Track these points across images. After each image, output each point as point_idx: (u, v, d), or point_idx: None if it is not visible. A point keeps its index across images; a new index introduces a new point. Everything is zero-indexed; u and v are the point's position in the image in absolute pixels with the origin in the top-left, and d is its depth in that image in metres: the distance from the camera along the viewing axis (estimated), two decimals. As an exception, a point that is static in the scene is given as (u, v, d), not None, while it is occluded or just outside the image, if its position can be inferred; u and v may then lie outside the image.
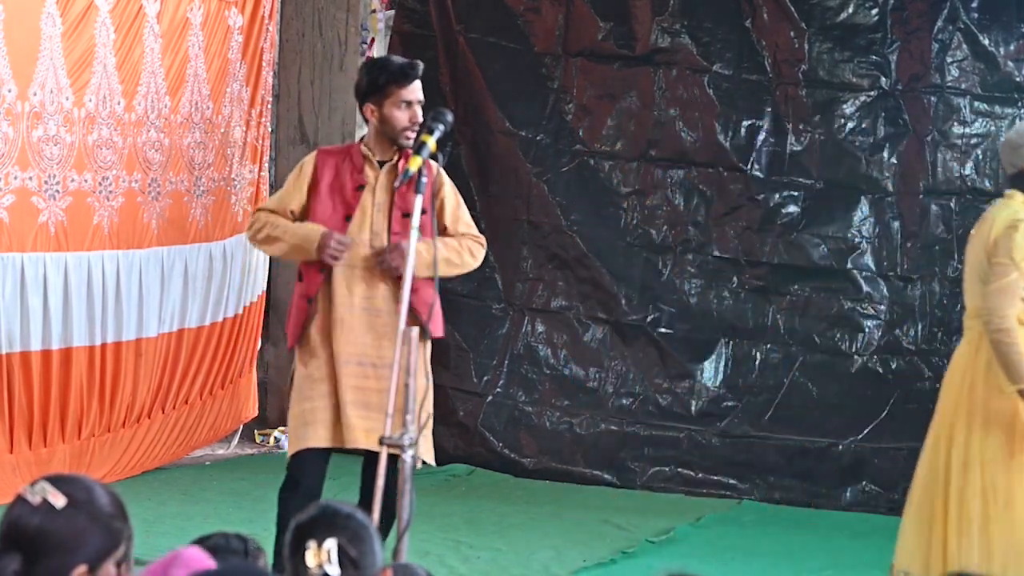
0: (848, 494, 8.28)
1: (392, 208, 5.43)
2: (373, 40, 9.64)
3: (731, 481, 8.44)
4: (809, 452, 8.41)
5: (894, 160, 8.60)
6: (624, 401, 8.72)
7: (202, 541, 3.24)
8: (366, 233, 5.46)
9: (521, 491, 8.31)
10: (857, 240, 8.60)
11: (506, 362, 8.85)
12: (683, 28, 8.85)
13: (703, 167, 8.80)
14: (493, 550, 6.95)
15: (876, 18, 8.64)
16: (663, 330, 8.74)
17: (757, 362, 8.64)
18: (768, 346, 8.64)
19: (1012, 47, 8.46)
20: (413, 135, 5.33)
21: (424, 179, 4.06)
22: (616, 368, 8.77)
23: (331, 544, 2.92)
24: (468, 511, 7.72)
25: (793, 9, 8.71)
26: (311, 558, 2.90)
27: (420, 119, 5.33)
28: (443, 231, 5.53)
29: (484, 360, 8.85)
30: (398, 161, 5.42)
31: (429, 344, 5.47)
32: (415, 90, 5.42)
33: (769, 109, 8.74)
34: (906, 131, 8.59)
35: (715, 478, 8.46)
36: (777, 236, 8.68)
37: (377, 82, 5.43)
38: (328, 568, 2.89)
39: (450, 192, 5.63)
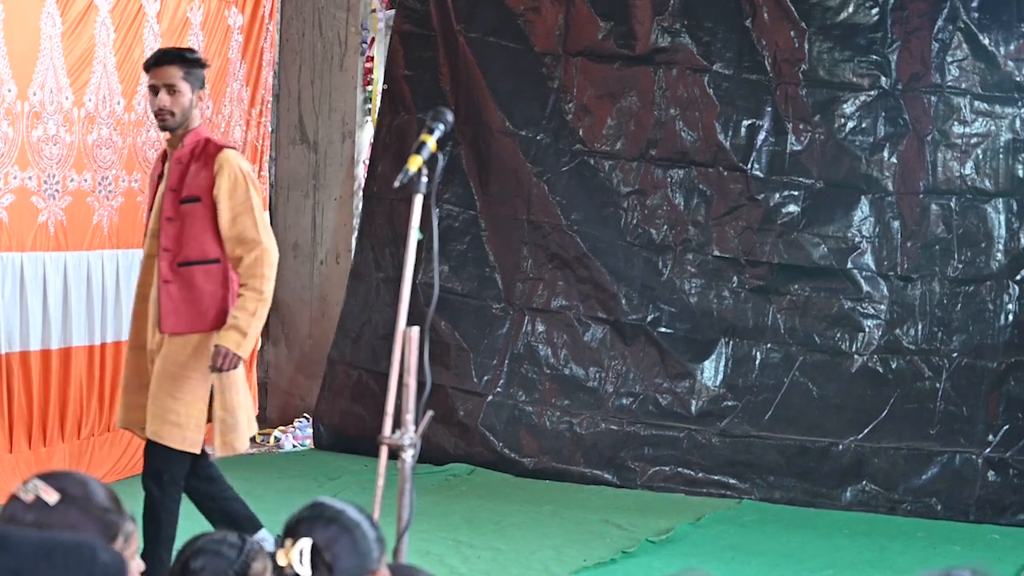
0: (848, 494, 8.28)
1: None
2: (373, 40, 9.63)
3: (731, 481, 8.44)
4: (809, 452, 8.40)
5: (894, 160, 8.60)
6: (624, 401, 8.72)
7: (192, 543, 3.23)
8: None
9: (521, 491, 8.31)
10: (857, 240, 8.60)
11: (506, 362, 8.85)
12: (683, 28, 8.85)
13: (703, 167, 8.80)
14: (493, 550, 6.95)
15: (876, 18, 8.64)
16: (663, 330, 8.74)
17: (757, 362, 8.63)
18: (768, 346, 8.63)
19: (1012, 47, 8.46)
20: (162, 121, 5.64)
21: (424, 179, 4.05)
22: (616, 368, 8.76)
23: (304, 544, 2.87)
24: (468, 511, 7.72)
25: (793, 9, 8.70)
26: (281, 557, 2.87)
27: (165, 105, 5.59)
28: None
29: (484, 360, 8.85)
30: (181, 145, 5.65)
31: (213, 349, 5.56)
32: (158, 74, 5.65)
33: (769, 109, 8.74)
34: (906, 131, 8.59)
35: (715, 478, 8.46)
36: (777, 236, 8.68)
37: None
38: (298, 569, 2.84)
39: (226, 185, 5.60)
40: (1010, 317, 8.32)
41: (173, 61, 5.66)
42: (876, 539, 7.52)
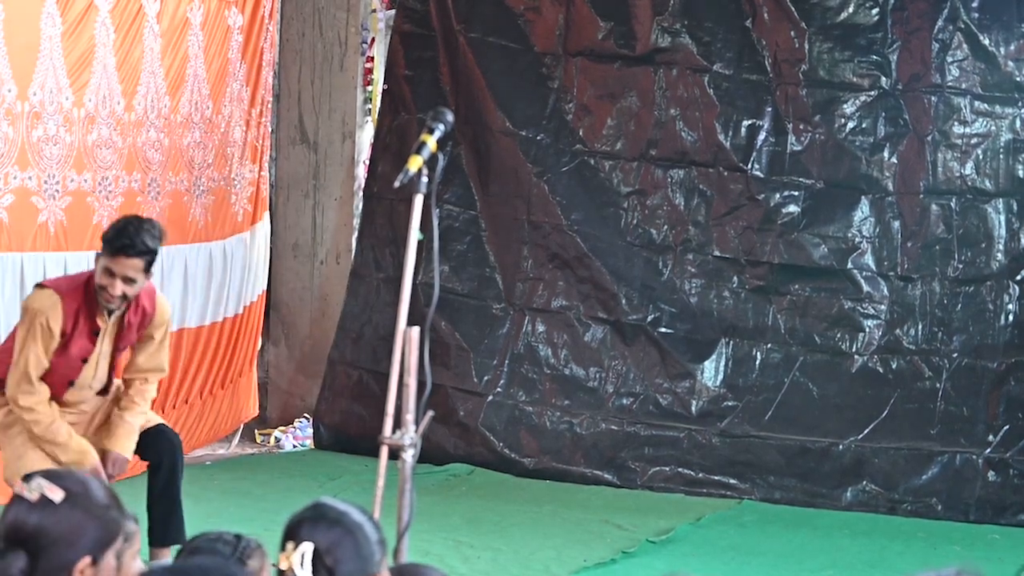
0: (848, 494, 8.27)
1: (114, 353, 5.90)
2: (374, 40, 9.63)
3: (731, 481, 8.44)
4: (809, 452, 8.40)
5: (894, 160, 8.60)
6: (624, 401, 8.72)
7: (188, 543, 3.23)
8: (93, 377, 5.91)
9: (521, 491, 8.31)
10: (857, 240, 8.59)
11: (506, 362, 8.84)
12: (683, 28, 8.85)
13: (703, 167, 8.80)
14: (493, 550, 6.95)
15: (876, 18, 8.64)
16: (663, 330, 8.74)
17: (757, 362, 8.63)
18: (768, 346, 8.63)
19: (1012, 47, 8.45)
20: (111, 303, 5.71)
21: (425, 179, 4.04)
22: (616, 368, 8.76)
23: (306, 548, 2.84)
24: (468, 511, 7.71)
25: (793, 9, 8.70)
26: (282, 561, 2.84)
27: (117, 294, 5.66)
28: (130, 362, 6.03)
29: (484, 360, 8.84)
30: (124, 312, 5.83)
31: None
32: (122, 264, 5.64)
33: (769, 109, 8.73)
34: (906, 131, 8.58)
35: (715, 478, 8.45)
36: (777, 236, 8.68)
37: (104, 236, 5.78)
38: (299, 572, 2.82)
39: (163, 334, 6.05)
40: (1010, 317, 8.31)
41: (141, 255, 5.64)
42: (876, 539, 7.52)
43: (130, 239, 5.60)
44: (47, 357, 5.70)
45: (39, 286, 5.86)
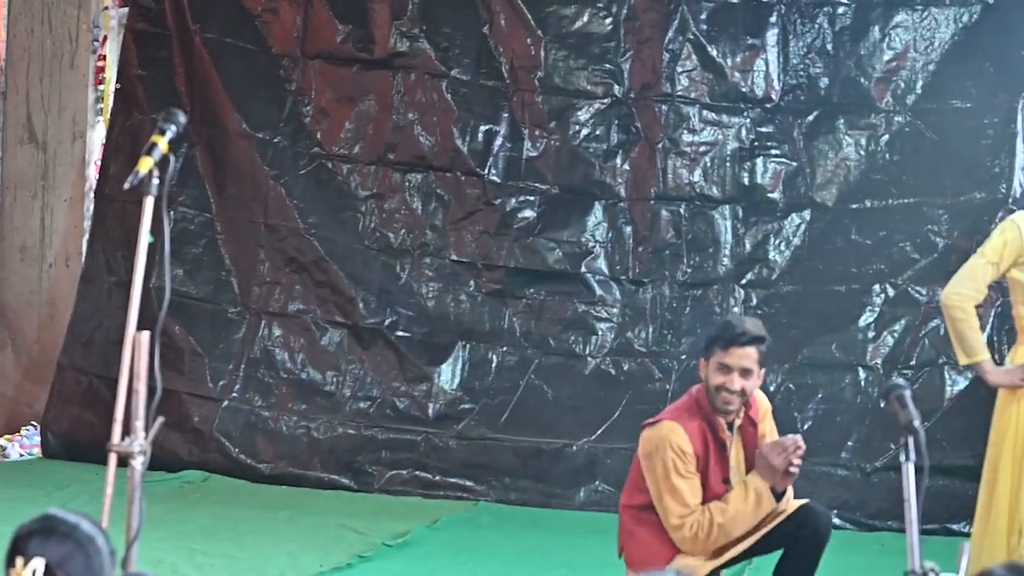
0: (582, 494, 8.43)
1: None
2: (106, 38, 9.43)
3: (468, 483, 8.51)
4: (544, 453, 8.53)
5: (627, 166, 8.80)
6: (362, 405, 8.72)
7: None
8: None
9: (257, 497, 8.23)
10: (591, 244, 8.77)
11: (242, 366, 8.75)
12: (422, 33, 8.89)
13: (441, 171, 8.86)
14: (228, 557, 6.86)
15: (610, 27, 8.83)
16: (401, 333, 8.76)
17: (494, 365, 8.73)
18: (504, 349, 8.74)
19: (739, 58, 8.74)
20: (730, 403, 5.16)
21: (156, 181, 3.98)
22: (354, 372, 8.75)
23: (37, 564, 2.77)
24: (203, 518, 7.60)
25: (530, 17, 8.84)
26: None
27: (736, 388, 5.13)
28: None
29: (220, 364, 8.73)
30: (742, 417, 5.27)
31: None
32: (737, 356, 5.13)
33: (506, 115, 8.85)
34: (638, 138, 8.80)
35: (452, 480, 8.52)
36: (513, 240, 8.79)
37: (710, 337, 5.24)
38: None
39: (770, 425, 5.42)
40: (736, 320, 8.57)
41: (756, 342, 5.15)
42: (609, 538, 7.63)
43: (745, 331, 5.15)
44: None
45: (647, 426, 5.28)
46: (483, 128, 8.86)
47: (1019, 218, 5.41)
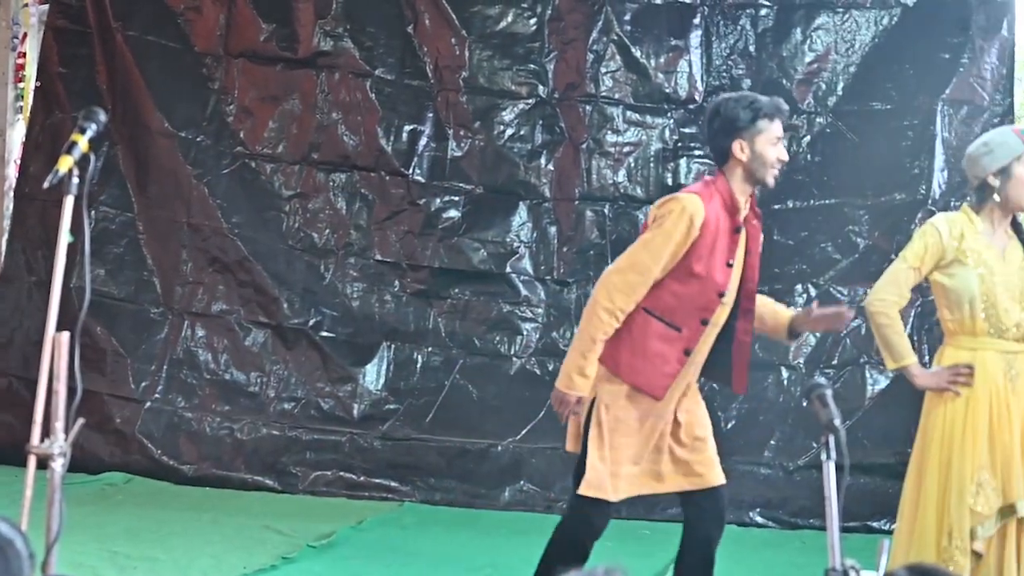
0: (507, 494, 8.44)
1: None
2: (26, 35, 9.33)
3: (393, 484, 8.50)
4: (469, 453, 8.54)
5: (551, 167, 8.82)
6: (286, 405, 8.68)
7: None
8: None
9: (181, 498, 8.18)
10: (516, 245, 8.79)
11: (165, 367, 8.69)
12: (346, 32, 8.88)
13: (365, 171, 8.85)
14: (151, 559, 6.81)
15: (534, 28, 8.85)
16: (325, 334, 8.74)
17: (419, 365, 8.73)
18: (429, 349, 8.73)
19: (662, 59, 8.79)
20: (776, 176, 5.17)
21: (76, 180, 3.94)
22: (278, 372, 8.72)
23: None
24: (125, 520, 7.54)
25: (454, 16, 8.84)
26: None
27: (786, 158, 5.19)
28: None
29: (142, 365, 8.67)
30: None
31: None
32: (779, 125, 5.18)
33: (431, 115, 8.85)
34: (563, 138, 8.82)
35: (377, 481, 8.50)
36: (438, 240, 8.80)
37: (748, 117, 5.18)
38: None
39: None
40: (660, 320, 8.62)
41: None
42: (534, 537, 7.63)
43: (775, 99, 5.25)
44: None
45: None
46: (407, 128, 8.86)
47: (939, 221, 5.46)
